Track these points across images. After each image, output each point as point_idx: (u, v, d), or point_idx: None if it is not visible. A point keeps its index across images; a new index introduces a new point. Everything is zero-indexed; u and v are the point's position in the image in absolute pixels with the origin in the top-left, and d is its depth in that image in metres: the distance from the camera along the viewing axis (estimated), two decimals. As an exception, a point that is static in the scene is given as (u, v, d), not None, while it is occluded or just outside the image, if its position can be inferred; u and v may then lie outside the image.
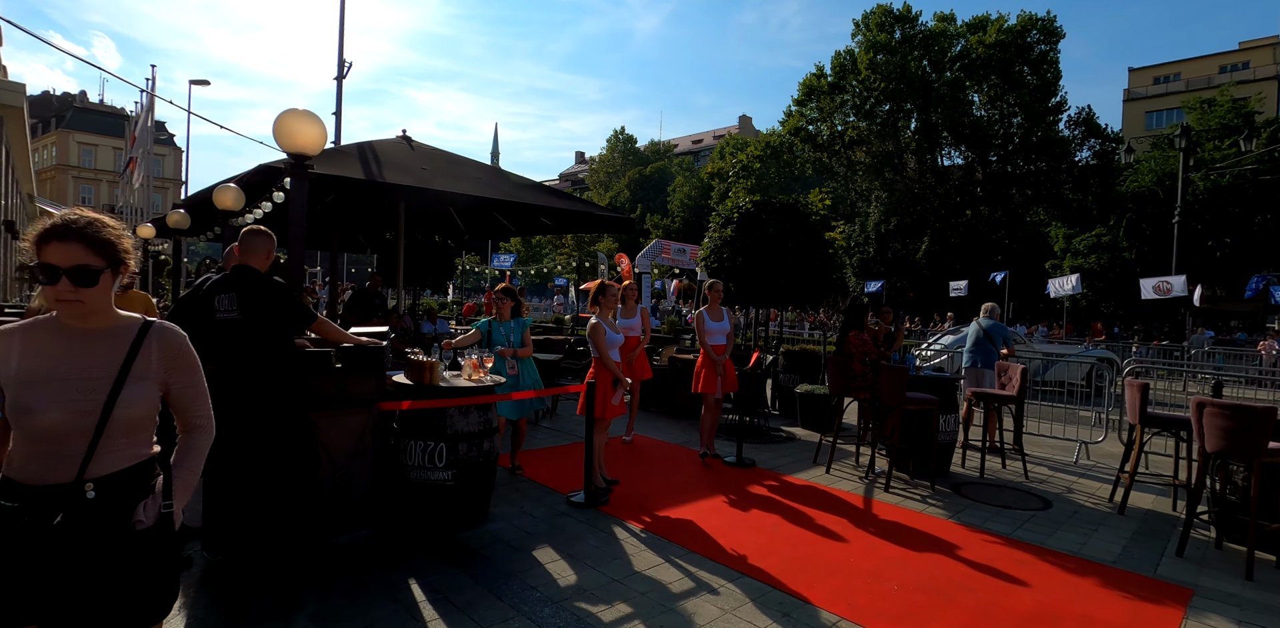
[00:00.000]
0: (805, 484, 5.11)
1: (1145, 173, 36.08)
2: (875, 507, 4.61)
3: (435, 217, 11.20)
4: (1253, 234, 33.69)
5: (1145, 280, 14.94)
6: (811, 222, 6.42)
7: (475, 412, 3.69)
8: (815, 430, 7.27)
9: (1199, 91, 42.65)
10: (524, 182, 8.83)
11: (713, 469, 5.46)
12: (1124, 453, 5.07)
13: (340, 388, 3.28)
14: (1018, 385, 5.58)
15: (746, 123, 64.52)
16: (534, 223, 10.30)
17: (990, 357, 6.61)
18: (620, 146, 52.88)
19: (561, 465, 5.34)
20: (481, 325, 4.86)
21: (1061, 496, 5.12)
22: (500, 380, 3.93)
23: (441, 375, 3.81)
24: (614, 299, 4.79)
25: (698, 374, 5.68)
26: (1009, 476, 5.68)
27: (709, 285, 5.69)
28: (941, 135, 36.79)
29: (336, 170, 6.34)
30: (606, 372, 4.62)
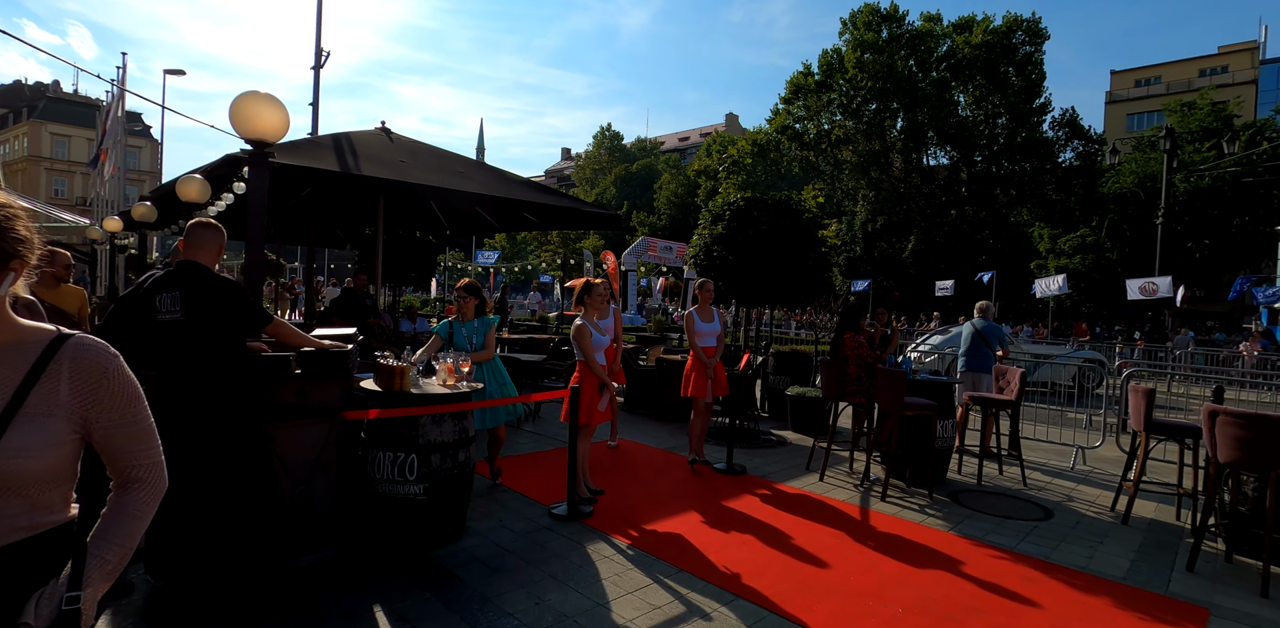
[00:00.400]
0: (799, 493, 4.90)
1: (1127, 174, 36.46)
2: (873, 518, 4.40)
3: (417, 211, 10.88)
4: (1231, 236, 34.16)
5: (1132, 281, 14.96)
6: (804, 219, 6.20)
7: (450, 420, 3.43)
8: (807, 434, 7.08)
9: (1179, 94, 43.19)
10: (508, 176, 8.54)
11: (702, 477, 5.23)
12: (1127, 460, 4.91)
13: (300, 396, 3.01)
14: (1016, 389, 5.41)
15: (733, 121, 64.43)
16: (518, 219, 10.02)
17: (986, 360, 6.45)
18: (607, 143, 52.54)
19: (543, 473, 5.08)
20: (441, 329, 4.44)
21: (1062, 504, 4.96)
22: (478, 387, 3.66)
23: (414, 381, 3.54)
24: (601, 299, 4.54)
25: (687, 377, 5.45)
26: (1007, 482, 5.52)
27: (699, 284, 5.45)
28: (927, 135, 36.94)
29: (309, 162, 6.06)
30: (592, 376, 4.37)
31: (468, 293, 4.38)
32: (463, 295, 4.37)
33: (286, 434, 2.90)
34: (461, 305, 4.36)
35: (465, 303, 4.35)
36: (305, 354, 2.98)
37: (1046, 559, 3.81)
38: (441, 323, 4.48)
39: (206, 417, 2.52)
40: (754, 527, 4.11)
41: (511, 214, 9.91)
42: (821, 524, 4.21)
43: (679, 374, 7.53)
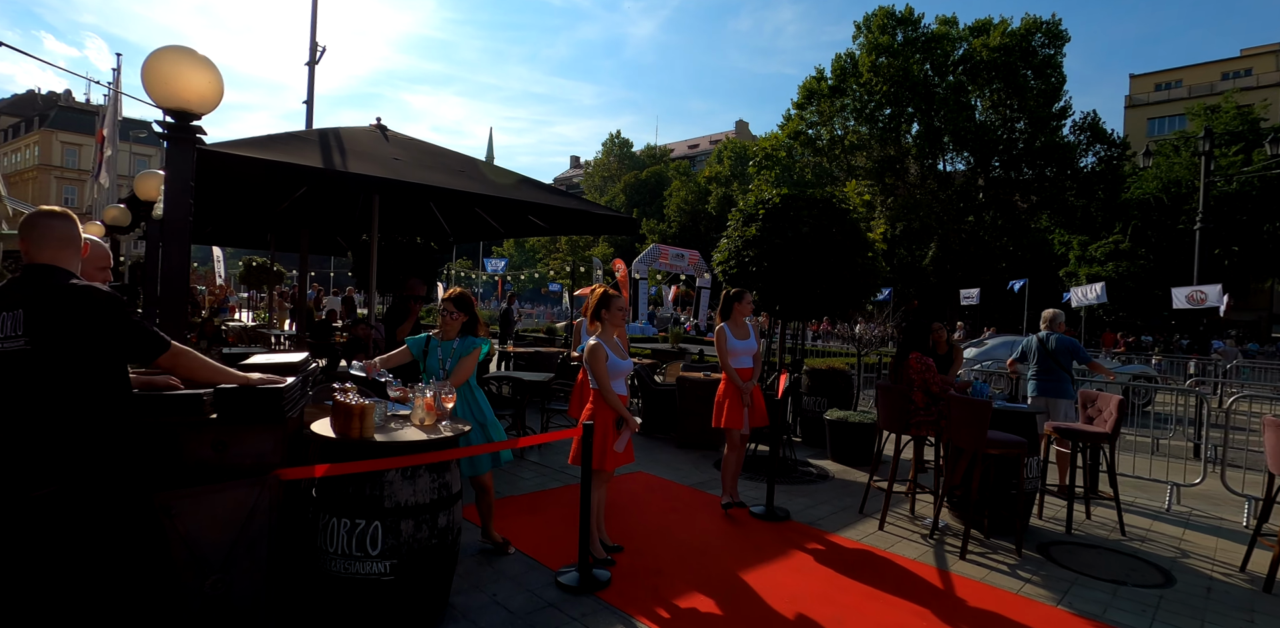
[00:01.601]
0: (858, 548, 4.04)
1: (1150, 179, 35.44)
2: (957, 585, 3.55)
3: (417, 215, 10.16)
4: (1261, 241, 33.05)
5: (1178, 290, 14.01)
6: (851, 219, 5.38)
7: (427, 474, 2.62)
8: (848, 465, 6.22)
9: (1202, 98, 42.18)
10: (513, 176, 7.79)
11: (738, 524, 4.39)
12: (1261, 509, 4.02)
13: (218, 449, 2.21)
14: (1113, 420, 4.54)
15: (743, 128, 63.82)
16: (524, 223, 9.27)
17: (1062, 383, 5.56)
18: (616, 150, 51.98)
19: (549, 520, 4.26)
20: (415, 343, 3.52)
21: (1178, 562, 4.08)
22: (465, 429, 2.85)
23: (380, 420, 2.73)
24: (621, 314, 3.72)
25: (719, 405, 4.62)
26: (1098, 528, 4.64)
27: (734, 294, 4.64)
28: (944, 140, 36.10)
29: (290, 157, 5.36)
30: (608, 409, 3.55)
31: (456, 307, 3.54)
32: (450, 309, 3.53)
33: (195, 505, 2.11)
34: (446, 320, 3.51)
35: (450, 318, 3.50)
36: (225, 393, 2.19)
37: (1198, 651, 2.94)
38: (418, 336, 3.62)
39: (58, 492, 1.73)
40: (812, 600, 3.27)
41: (516, 218, 9.16)
42: (896, 597, 3.36)
43: (702, 394, 6.71)
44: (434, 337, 3.54)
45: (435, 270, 11.43)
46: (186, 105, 2.60)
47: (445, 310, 3.50)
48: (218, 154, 5.06)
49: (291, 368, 2.51)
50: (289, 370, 2.49)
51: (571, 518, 4.23)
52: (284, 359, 2.55)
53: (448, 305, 3.51)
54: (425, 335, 3.55)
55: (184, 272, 2.68)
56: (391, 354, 3.39)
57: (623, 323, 3.74)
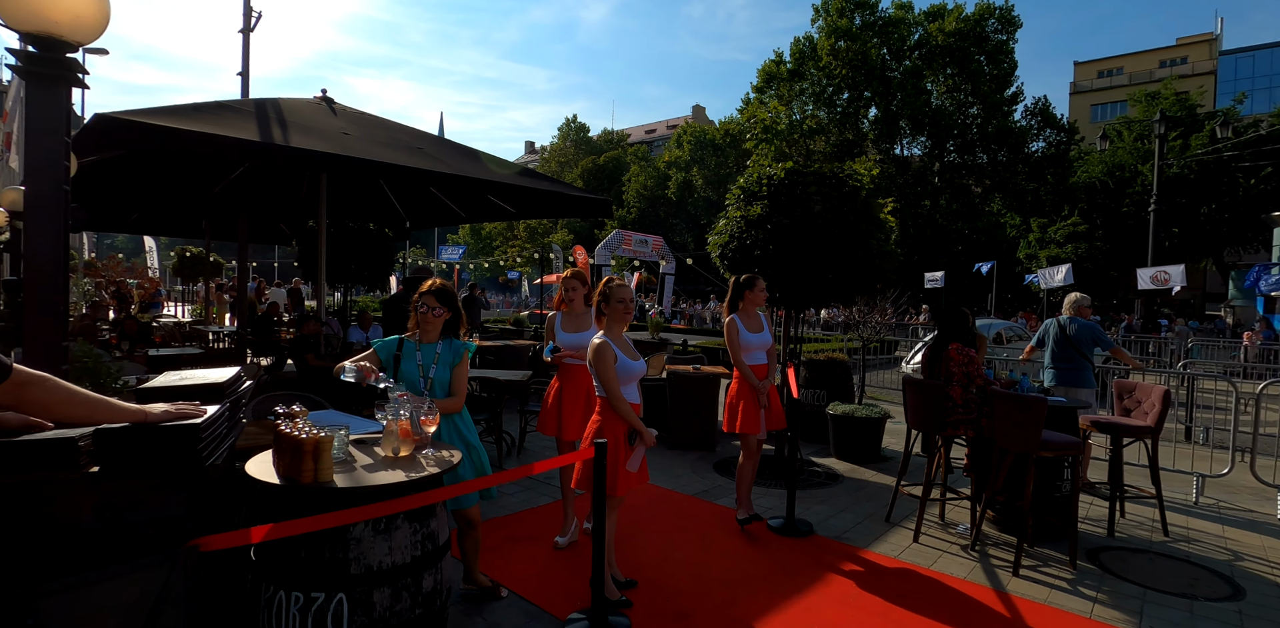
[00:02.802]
0: (900, 568, 3.57)
1: (1096, 163, 36.46)
2: (1024, 611, 3.10)
3: (369, 200, 9.28)
4: (1199, 223, 34.36)
5: (1143, 271, 14.15)
6: (863, 196, 4.87)
7: (406, 525, 1.98)
8: (855, 462, 5.80)
9: (1142, 85, 43.50)
10: (477, 154, 7.04)
11: (760, 543, 3.87)
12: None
13: (104, 516, 1.54)
14: (1157, 413, 4.18)
15: (700, 112, 63.28)
16: (489, 206, 8.53)
17: (1083, 372, 5.21)
18: (573, 135, 50.74)
19: (544, 550, 3.66)
20: (386, 346, 2.82)
21: (1235, 566, 3.75)
22: (455, 460, 2.21)
23: (339, 453, 2.07)
24: (623, 307, 3.09)
25: (733, 408, 4.07)
26: (1137, 529, 4.30)
27: (745, 281, 4.07)
28: (901, 124, 36.31)
29: (224, 130, 4.60)
30: (619, 420, 2.96)
31: (440, 301, 2.83)
32: (432, 305, 2.81)
33: (72, 604, 1.43)
34: (427, 318, 2.82)
35: (433, 316, 2.81)
36: (110, 436, 1.51)
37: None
38: (389, 339, 2.88)
39: None
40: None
41: (480, 200, 8.41)
42: (952, 625, 2.89)
43: (694, 390, 6.18)
44: (408, 339, 2.86)
45: (390, 260, 10.56)
46: (55, 30, 1.87)
47: (426, 307, 2.82)
48: (135, 124, 4.24)
49: (214, 391, 1.83)
50: (210, 395, 1.81)
51: (572, 547, 3.66)
52: (202, 379, 1.87)
53: (429, 301, 2.83)
54: (397, 338, 2.86)
55: (56, 262, 1.95)
56: (357, 359, 2.70)
57: (627, 317, 3.13)
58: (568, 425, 3.70)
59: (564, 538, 3.69)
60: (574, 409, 3.70)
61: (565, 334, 3.74)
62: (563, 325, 3.78)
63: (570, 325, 3.77)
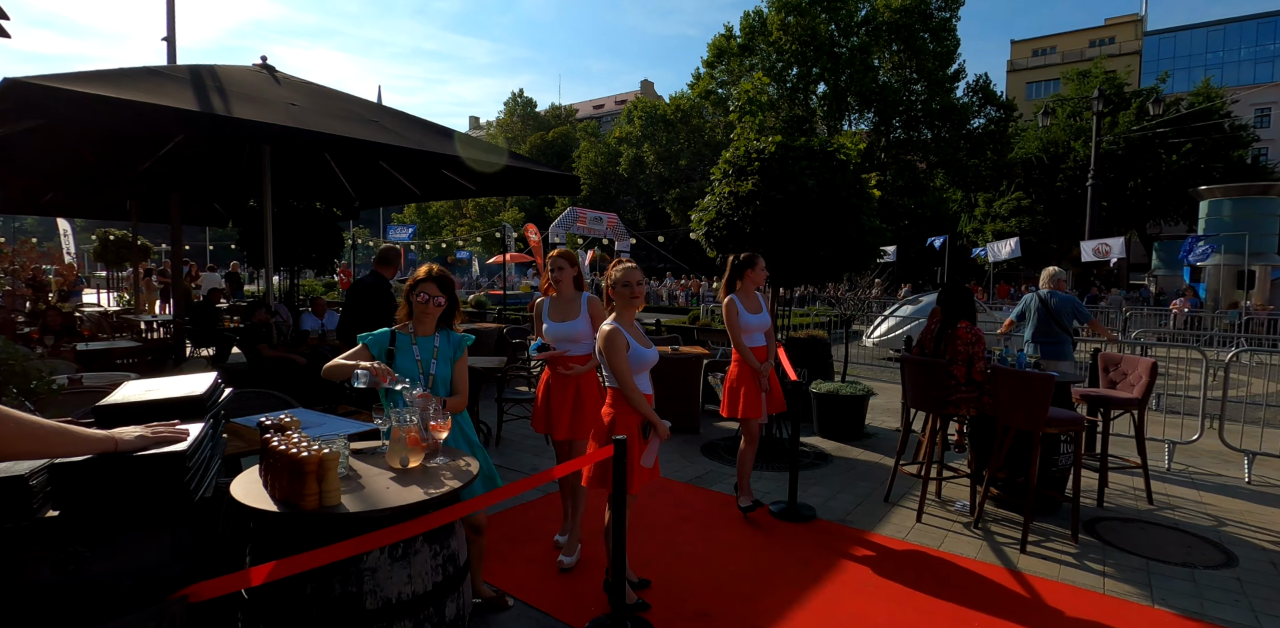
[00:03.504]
0: (910, 550, 3.52)
1: (1032, 140, 37.77)
2: (1040, 590, 3.09)
3: (316, 177, 8.68)
4: (1125, 197, 36.06)
5: (1086, 243, 14.70)
6: (854, 171, 4.73)
7: (426, 548, 1.73)
8: (840, 441, 5.78)
9: (1073, 64, 45.03)
10: (436, 128, 6.59)
11: (766, 531, 3.76)
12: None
13: (68, 570, 1.24)
14: (1144, 385, 4.24)
15: (649, 88, 62.43)
16: (445, 184, 8.08)
17: (1063, 345, 5.28)
18: (519, 110, 49.27)
19: (543, 546, 3.46)
20: (378, 340, 2.48)
21: (1221, 532, 3.86)
22: (473, 470, 1.96)
23: (341, 472, 1.80)
24: (629, 292, 2.83)
25: (734, 392, 3.92)
26: (1123, 498, 4.40)
27: (745, 259, 3.88)
28: (849, 100, 36.60)
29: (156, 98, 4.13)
30: (632, 412, 2.75)
31: (441, 290, 2.51)
32: (433, 293, 2.48)
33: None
34: (425, 309, 2.50)
35: (433, 305, 2.49)
36: (69, 472, 1.21)
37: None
38: (378, 332, 2.54)
39: None
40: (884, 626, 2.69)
41: (436, 177, 7.95)
42: (990, 615, 2.85)
43: (676, 371, 6.01)
44: (400, 332, 2.55)
45: (339, 241, 9.95)
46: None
47: (425, 296, 2.51)
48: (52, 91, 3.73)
49: (193, 406, 1.52)
50: (189, 410, 1.50)
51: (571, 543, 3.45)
52: (177, 390, 1.55)
53: (428, 289, 2.52)
54: (387, 331, 2.54)
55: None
56: (347, 357, 2.37)
57: (636, 301, 2.86)
58: (556, 423, 3.30)
59: (564, 536, 3.44)
60: (562, 405, 3.29)
61: (552, 323, 3.31)
62: (550, 313, 3.36)
63: (558, 313, 3.34)
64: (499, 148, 7.36)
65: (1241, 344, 12.80)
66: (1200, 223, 19.05)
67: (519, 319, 13.56)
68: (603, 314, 3.11)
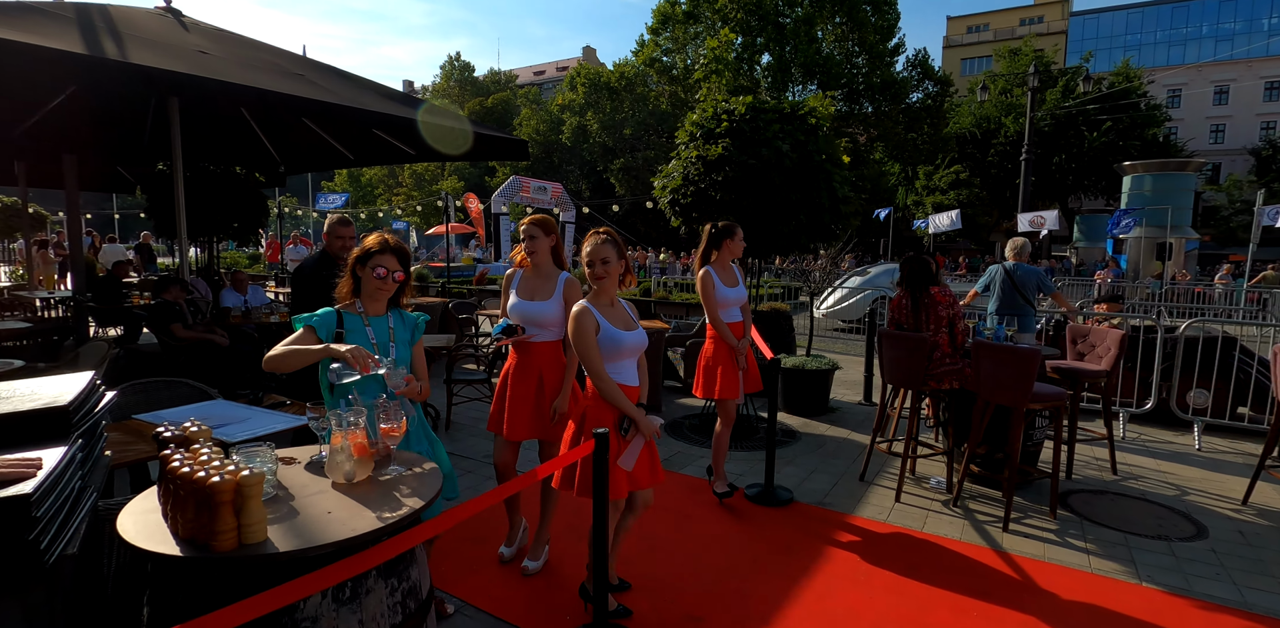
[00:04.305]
0: (895, 533, 3.39)
1: (966, 115, 38.75)
2: (1030, 571, 3.00)
3: (234, 139, 7.84)
4: (1049, 172, 37.59)
5: (1023, 215, 15.13)
6: (825, 135, 4.47)
7: (381, 584, 1.39)
8: (804, 417, 5.65)
9: (1005, 41, 46.17)
10: (373, 86, 5.97)
11: (744, 517, 3.56)
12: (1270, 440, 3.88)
13: None
14: (1113, 357, 4.22)
15: (591, 54, 60.73)
16: (382, 147, 7.43)
17: (1027, 318, 5.26)
18: (457, 74, 47.00)
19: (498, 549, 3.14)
20: (325, 322, 2.07)
21: (1186, 501, 3.91)
22: (438, 485, 1.60)
23: (268, 491, 1.42)
24: (598, 273, 2.46)
25: (710, 371, 3.66)
26: (1086, 469, 4.43)
27: (724, 229, 3.58)
28: (792, 72, 36.48)
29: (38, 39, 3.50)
30: (606, 407, 2.44)
31: (401, 263, 2.13)
32: (393, 266, 2.11)
33: None
34: (381, 285, 2.11)
35: (392, 280, 2.12)
36: None
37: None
38: (322, 313, 2.11)
39: None
40: (908, 626, 2.53)
41: (373, 141, 7.30)
42: (984, 601, 2.73)
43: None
44: (348, 312, 2.13)
45: (263, 209, 9.10)
46: None
47: (384, 270, 2.10)
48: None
49: (53, 420, 1.10)
50: (48, 427, 1.09)
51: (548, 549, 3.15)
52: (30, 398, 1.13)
53: (386, 262, 2.12)
54: (332, 310, 2.12)
55: None
56: (290, 343, 1.94)
57: (604, 280, 2.48)
58: (514, 422, 2.80)
59: (510, 549, 2.99)
60: (522, 401, 2.80)
61: (520, 300, 2.81)
62: (519, 288, 2.85)
63: (527, 289, 2.83)
64: (442, 109, 6.77)
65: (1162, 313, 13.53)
66: (1123, 197, 19.94)
67: (464, 293, 12.97)
68: (579, 290, 2.77)
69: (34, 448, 1.03)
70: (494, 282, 13.76)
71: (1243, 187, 36.17)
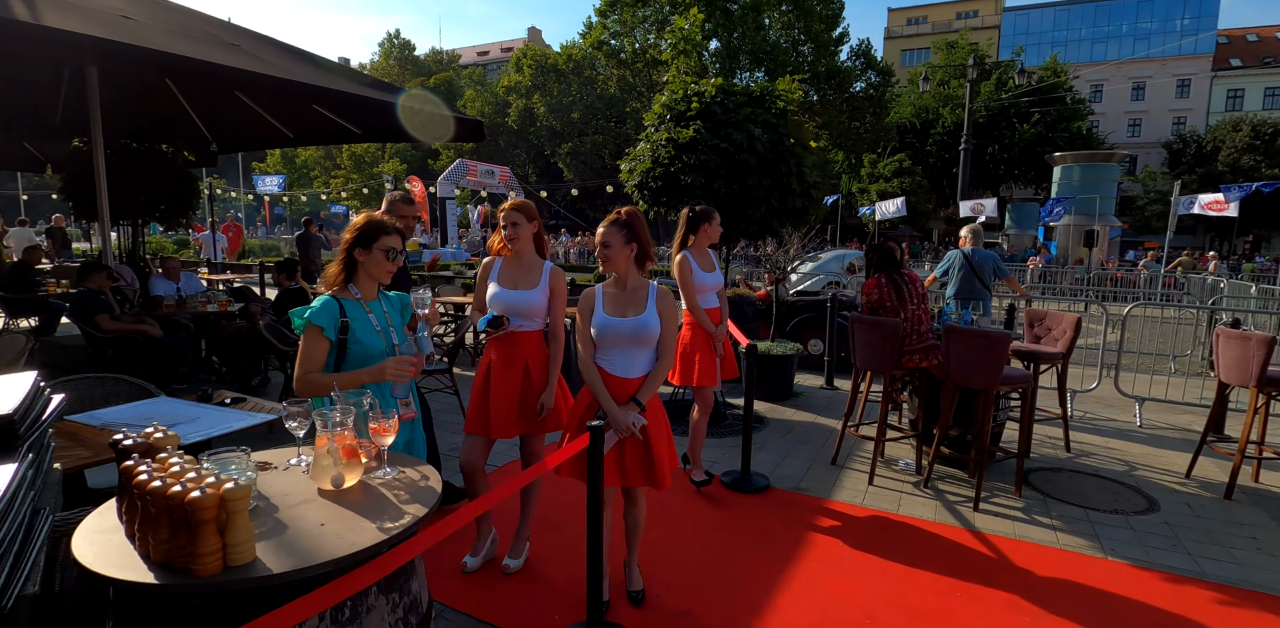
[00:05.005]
0: (872, 516, 3.43)
1: (905, 105, 39.82)
2: (1005, 550, 3.08)
3: (161, 115, 7.28)
4: (984, 162, 39.13)
5: (964, 202, 15.65)
6: (797, 123, 4.43)
7: (381, 600, 1.26)
8: (769, 401, 5.69)
9: (942, 34, 47.52)
10: (312, 57, 5.59)
11: (723, 505, 3.53)
12: (1213, 417, 4.09)
13: None
14: (1069, 340, 4.37)
15: (536, 35, 59.43)
16: (326, 126, 7.03)
17: (985, 301, 5.39)
18: (396, 53, 45.13)
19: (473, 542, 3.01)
20: (327, 313, 1.92)
21: (1136, 476, 4.10)
22: (435, 486, 1.46)
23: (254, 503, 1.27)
24: (599, 256, 2.37)
25: (687, 358, 3.60)
26: (1042, 447, 4.59)
27: (701, 212, 3.50)
28: (740, 59, 36.60)
29: None
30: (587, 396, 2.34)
31: (403, 246, 2.01)
32: (399, 249, 1.99)
33: None
34: (385, 269, 2.00)
35: (394, 266, 2.01)
36: None
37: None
38: (321, 303, 1.95)
39: None
40: (887, 611, 2.56)
41: (314, 118, 6.88)
42: (965, 581, 2.78)
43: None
44: (344, 298, 1.98)
45: (194, 190, 8.48)
46: None
47: (392, 251, 1.99)
48: None
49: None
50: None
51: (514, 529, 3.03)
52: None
53: (393, 242, 2.03)
54: (329, 298, 1.97)
55: None
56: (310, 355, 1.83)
57: (605, 263, 2.39)
58: (499, 419, 2.64)
59: (475, 559, 2.79)
60: (507, 396, 2.64)
61: (502, 289, 2.64)
62: (499, 276, 2.69)
63: (509, 278, 2.67)
64: (391, 85, 6.42)
65: (1090, 296, 14.30)
66: (1054, 186, 20.89)
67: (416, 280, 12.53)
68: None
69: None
70: (447, 267, 13.34)
71: (1157, 178, 38.50)
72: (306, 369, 1.88)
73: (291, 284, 5.83)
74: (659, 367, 2.37)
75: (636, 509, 2.56)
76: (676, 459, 2.54)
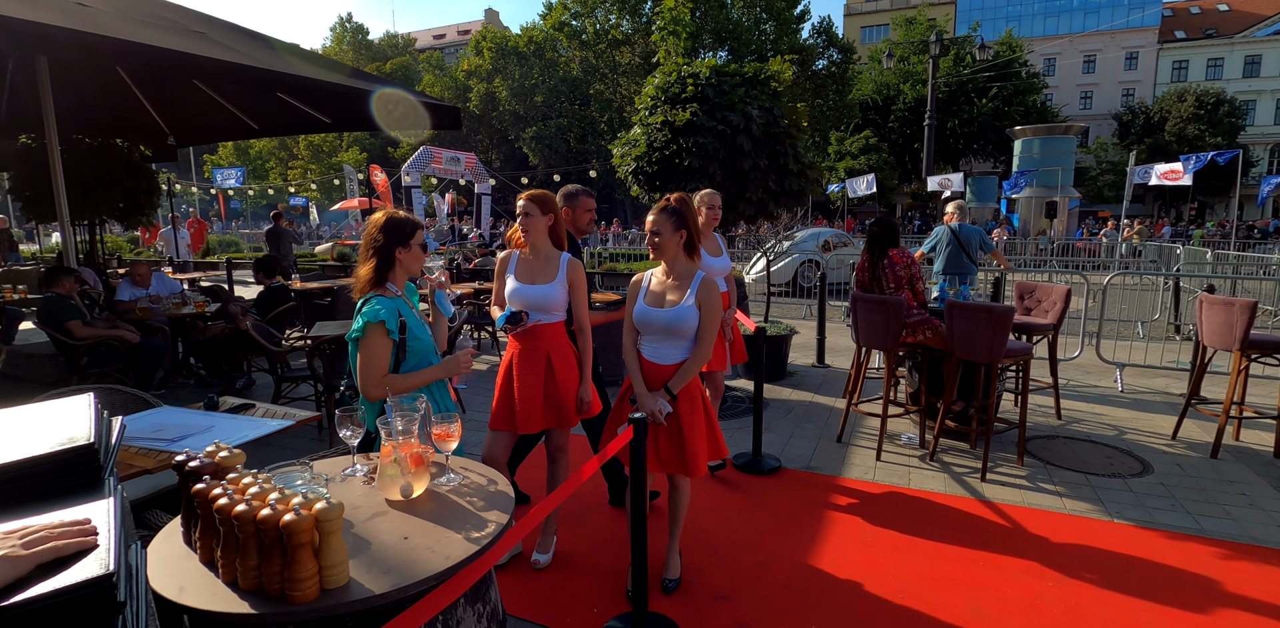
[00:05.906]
0: (887, 492, 3.50)
1: (867, 82, 40.04)
2: (1018, 518, 3.18)
3: (113, 107, 6.91)
4: (944, 137, 39.69)
5: (931, 178, 15.88)
6: (790, 103, 4.41)
7: (469, 612, 1.23)
8: (766, 382, 5.71)
9: (900, 10, 47.69)
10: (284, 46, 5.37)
11: (740, 488, 3.57)
12: (1194, 380, 4.26)
13: None
14: (1059, 311, 4.48)
15: (494, 17, 58.03)
16: (291, 115, 6.77)
17: (971, 275, 5.49)
18: (349, 37, 43.61)
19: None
20: (389, 314, 1.88)
21: (1127, 440, 4.26)
22: (507, 491, 1.42)
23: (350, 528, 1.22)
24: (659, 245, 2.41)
25: (697, 344, 3.57)
26: (1034, 416, 4.70)
27: (701, 198, 3.47)
28: (703, 37, 36.30)
29: None
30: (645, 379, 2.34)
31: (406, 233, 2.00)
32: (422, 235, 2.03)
33: None
34: (420, 266, 2.03)
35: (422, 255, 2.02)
36: None
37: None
38: (379, 304, 1.90)
39: None
40: (917, 583, 2.64)
41: (279, 107, 6.62)
42: (985, 551, 2.87)
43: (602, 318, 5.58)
44: (390, 297, 1.93)
45: (154, 187, 8.11)
46: None
47: (421, 246, 1.96)
48: None
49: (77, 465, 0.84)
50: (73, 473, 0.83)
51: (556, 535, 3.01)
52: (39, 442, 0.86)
53: (421, 235, 1.98)
54: (386, 299, 1.94)
55: None
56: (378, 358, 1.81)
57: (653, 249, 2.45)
58: (526, 414, 2.57)
59: (545, 556, 2.76)
60: (533, 390, 2.58)
61: (520, 284, 2.59)
62: (517, 271, 2.63)
63: (526, 272, 2.61)
64: (364, 72, 6.20)
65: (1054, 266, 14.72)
66: (1015, 160, 21.30)
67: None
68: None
69: (57, 504, 0.78)
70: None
71: (1108, 149, 39.54)
72: (379, 372, 1.88)
73: (273, 282, 5.64)
74: (694, 356, 2.36)
75: (679, 494, 2.58)
76: (721, 448, 2.53)
